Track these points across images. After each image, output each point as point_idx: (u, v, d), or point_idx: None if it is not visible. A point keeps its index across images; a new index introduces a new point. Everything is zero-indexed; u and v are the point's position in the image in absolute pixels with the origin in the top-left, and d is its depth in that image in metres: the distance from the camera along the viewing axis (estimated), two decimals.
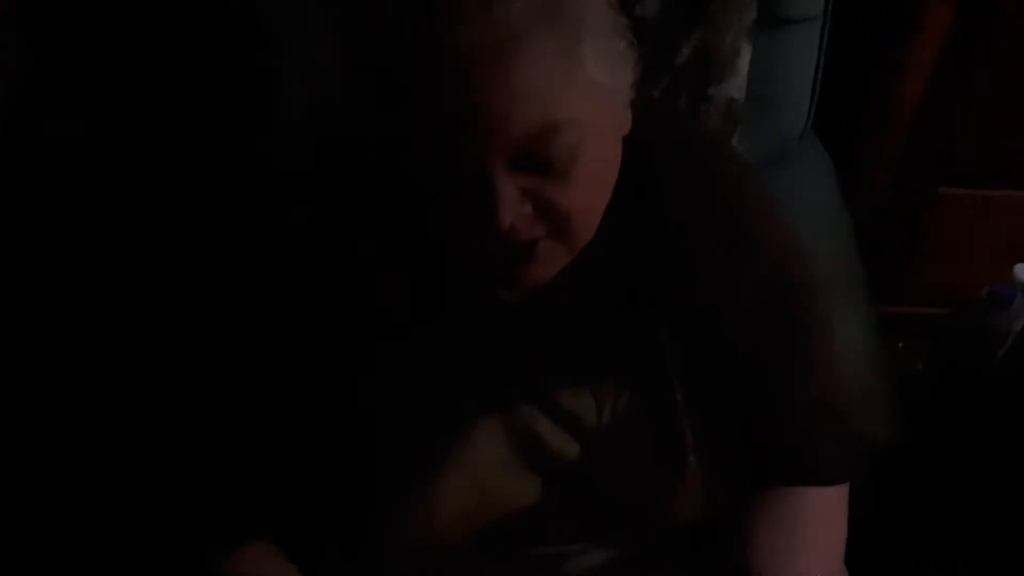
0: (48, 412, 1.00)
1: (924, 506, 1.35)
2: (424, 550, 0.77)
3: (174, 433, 0.79)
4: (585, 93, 0.64)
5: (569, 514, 0.78)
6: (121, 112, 1.01)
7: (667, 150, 0.76)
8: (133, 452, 0.94)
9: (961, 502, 1.36)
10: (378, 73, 0.65)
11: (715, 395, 0.75)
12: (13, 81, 1.00)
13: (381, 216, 0.73)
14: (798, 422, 0.77)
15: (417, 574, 0.78)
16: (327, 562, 0.77)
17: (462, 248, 0.67)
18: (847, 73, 1.18)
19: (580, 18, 0.63)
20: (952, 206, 1.44)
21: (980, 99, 1.32)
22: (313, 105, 0.93)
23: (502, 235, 0.63)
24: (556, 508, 0.77)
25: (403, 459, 0.74)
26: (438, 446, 0.74)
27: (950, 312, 1.53)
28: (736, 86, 1.06)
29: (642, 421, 0.75)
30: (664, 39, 1.03)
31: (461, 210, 0.64)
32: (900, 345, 1.57)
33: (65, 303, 1.03)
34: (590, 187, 0.66)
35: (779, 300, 0.75)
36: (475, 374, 0.74)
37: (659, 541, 0.81)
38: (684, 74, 1.04)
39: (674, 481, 0.76)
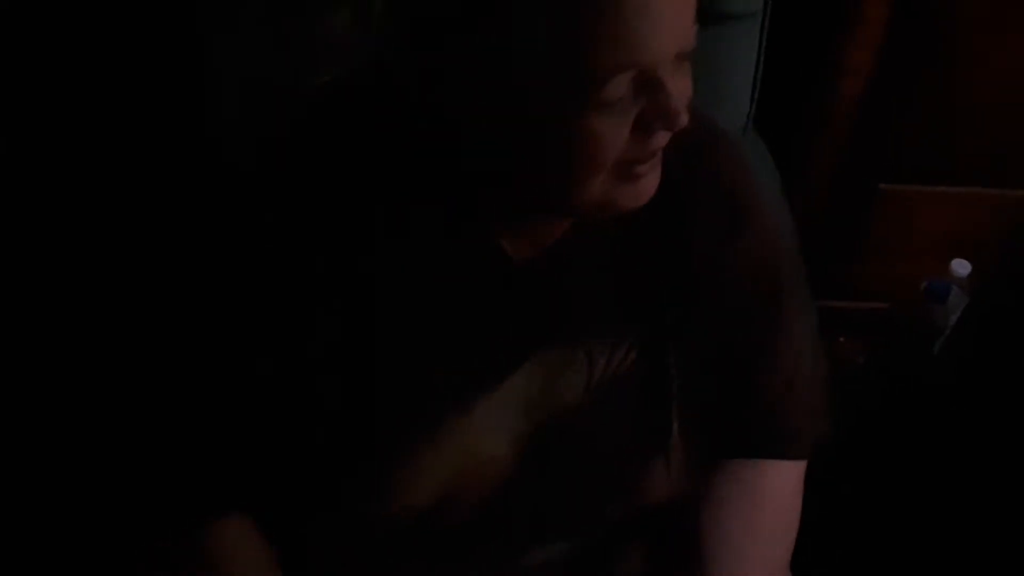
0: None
1: (866, 497, 1.37)
2: (403, 529, 0.75)
3: (146, 403, 0.77)
4: None
5: (547, 491, 0.77)
6: (41, 121, 0.99)
7: None
8: (101, 427, 0.92)
9: (901, 493, 1.38)
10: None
11: (704, 360, 0.77)
12: None
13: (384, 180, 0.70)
14: (775, 393, 0.80)
15: (382, 567, 0.78)
16: (307, 542, 0.77)
17: (592, 170, 0.64)
18: (787, 70, 1.19)
19: None
20: (891, 202, 1.46)
21: (919, 96, 1.34)
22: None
23: (662, 137, 0.64)
24: (536, 483, 0.76)
25: (387, 431, 0.73)
26: (426, 419, 0.73)
27: (890, 307, 1.55)
28: None
29: (632, 384, 0.76)
30: None
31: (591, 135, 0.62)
32: (841, 340, 1.58)
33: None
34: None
35: (767, 271, 0.79)
36: (475, 341, 0.73)
37: (619, 533, 0.82)
38: None
39: (656, 450, 0.77)
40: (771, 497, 0.81)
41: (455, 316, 0.72)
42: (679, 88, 0.63)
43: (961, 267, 1.44)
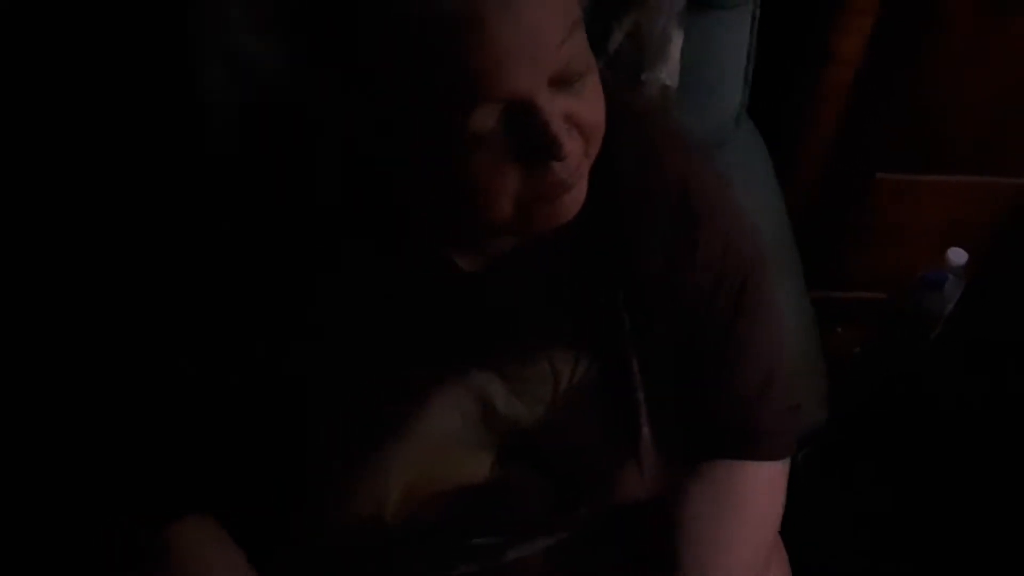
0: None
1: (862, 486, 1.37)
2: (371, 529, 0.75)
3: (101, 403, 0.77)
4: None
5: (519, 495, 0.77)
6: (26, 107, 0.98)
7: (617, 120, 0.72)
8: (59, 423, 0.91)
9: (898, 482, 1.38)
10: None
11: (669, 367, 0.75)
12: None
13: (336, 188, 0.70)
14: (747, 396, 0.78)
15: (364, 563, 0.78)
16: (273, 543, 0.76)
17: (487, 201, 0.62)
18: (780, 59, 1.19)
19: None
20: (886, 191, 1.45)
21: (914, 84, 1.33)
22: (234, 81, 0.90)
23: (559, 166, 0.60)
24: (506, 488, 0.76)
25: (350, 432, 0.72)
26: (386, 418, 0.73)
27: (886, 296, 1.55)
28: (669, 72, 1.06)
29: (599, 391, 0.75)
30: (597, 25, 1.03)
31: (496, 158, 0.60)
32: (838, 330, 1.58)
33: None
34: (599, 93, 0.64)
35: (730, 275, 0.76)
36: (427, 343, 0.72)
37: (599, 527, 0.82)
38: (617, 60, 1.04)
39: (627, 454, 0.76)
40: (747, 497, 0.79)
41: (405, 323, 0.72)
42: (564, 112, 0.60)
43: (957, 256, 1.43)
